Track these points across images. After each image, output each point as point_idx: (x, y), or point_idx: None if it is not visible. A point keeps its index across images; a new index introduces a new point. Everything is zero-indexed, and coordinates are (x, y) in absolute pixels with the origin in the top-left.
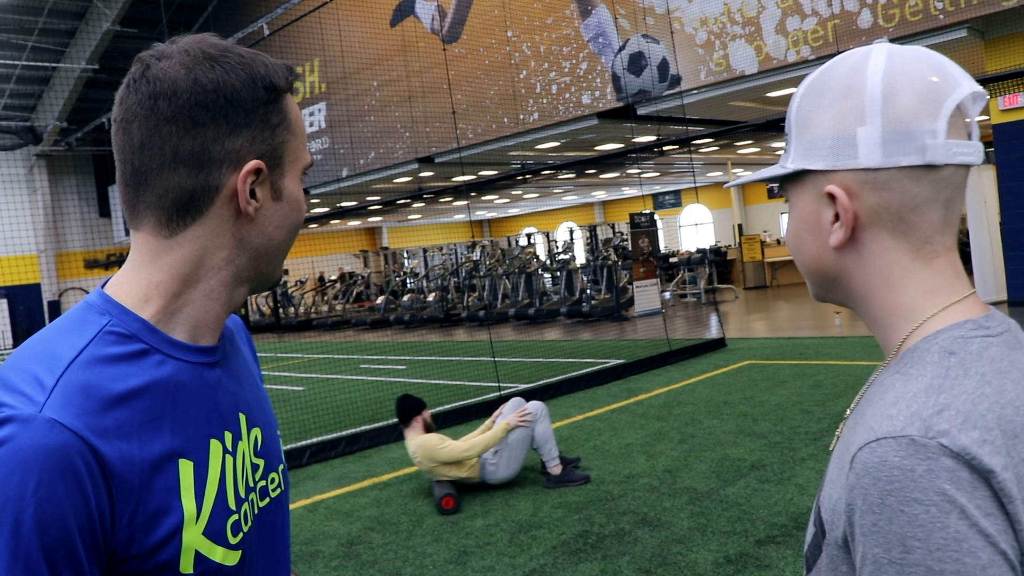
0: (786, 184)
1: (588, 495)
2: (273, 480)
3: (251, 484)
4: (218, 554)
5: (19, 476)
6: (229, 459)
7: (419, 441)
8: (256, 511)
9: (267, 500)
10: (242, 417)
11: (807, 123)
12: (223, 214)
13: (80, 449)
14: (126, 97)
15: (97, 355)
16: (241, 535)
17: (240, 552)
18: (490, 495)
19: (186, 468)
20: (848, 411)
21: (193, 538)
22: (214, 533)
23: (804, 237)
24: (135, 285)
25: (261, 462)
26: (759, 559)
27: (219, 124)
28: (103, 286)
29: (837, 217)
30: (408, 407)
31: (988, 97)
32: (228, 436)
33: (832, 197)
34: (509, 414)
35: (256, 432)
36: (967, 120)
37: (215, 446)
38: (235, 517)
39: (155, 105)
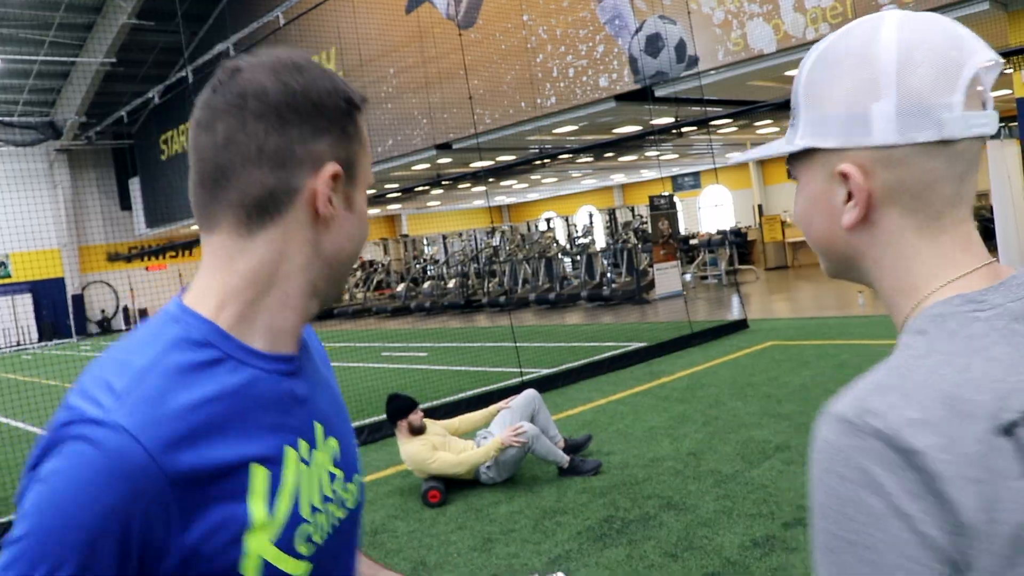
0: (794, 161)
1: (612, 480)
2: (349, 491)
3: (328, 495)
4: (287, 564)
5: (75, 478)
6: (304, 468)
7: (410, 451)
8: (335, 522)
9: (344, 512)
10: (318, 427)
11: (816, 97)
12: (300, 217)
13: (141, 458)
14: (211, 98)
15: (169, 363)
16: (314, 547)
17: (310, 564)
18: (514, 482)
19: (258, 474)
20: None
21: (259, 545)
22: (284, 542)
23: (814, 217)
24: (211, 291)
25: (340, 473)
26: (786, 542)
27: (304, 125)
28: (180, 294)
29: (850, 196)
30: (393, 410)
31: (1003, 64)
32: (304, 445)
33: (845, 176)
34: (518, 409)
35: (333, 442)
36: (981, 89)
37: (290, 454)
38: (308, 528)
39: (244, 103)
